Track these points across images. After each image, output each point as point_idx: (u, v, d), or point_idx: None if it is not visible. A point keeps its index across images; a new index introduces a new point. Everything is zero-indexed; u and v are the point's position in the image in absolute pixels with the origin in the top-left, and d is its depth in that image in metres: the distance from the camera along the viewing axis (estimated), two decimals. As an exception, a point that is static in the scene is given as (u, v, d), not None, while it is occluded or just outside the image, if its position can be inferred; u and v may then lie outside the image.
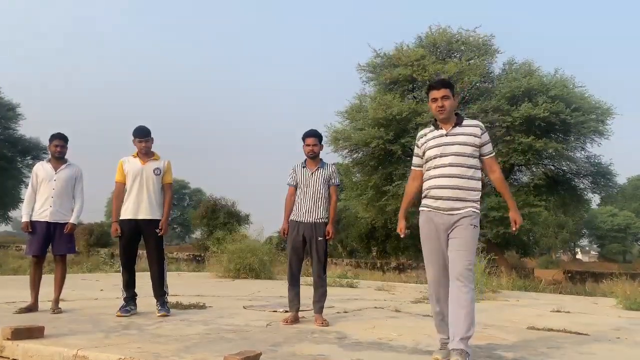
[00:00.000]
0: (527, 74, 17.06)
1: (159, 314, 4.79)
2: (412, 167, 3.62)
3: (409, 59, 17.77)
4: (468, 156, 3.31)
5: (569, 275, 17.48)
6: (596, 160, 18.05)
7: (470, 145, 3.32)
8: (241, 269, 10.96)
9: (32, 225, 5.03)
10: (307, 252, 4.87)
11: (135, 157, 5.05)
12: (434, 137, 3.41)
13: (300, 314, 4.85)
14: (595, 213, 44.11)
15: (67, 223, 5.09)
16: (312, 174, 4.84)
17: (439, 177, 3.33)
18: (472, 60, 17.96)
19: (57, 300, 5.01)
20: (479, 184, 3.35)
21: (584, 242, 52.53)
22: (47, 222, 5.00)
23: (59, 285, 5.09)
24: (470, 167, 3.31)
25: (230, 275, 10.84)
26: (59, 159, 5.17)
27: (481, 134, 3.35)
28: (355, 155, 19.05)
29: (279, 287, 8.00)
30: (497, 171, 3.43)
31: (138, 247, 5.07)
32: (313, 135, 4.88)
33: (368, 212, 19.56)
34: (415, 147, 3.56)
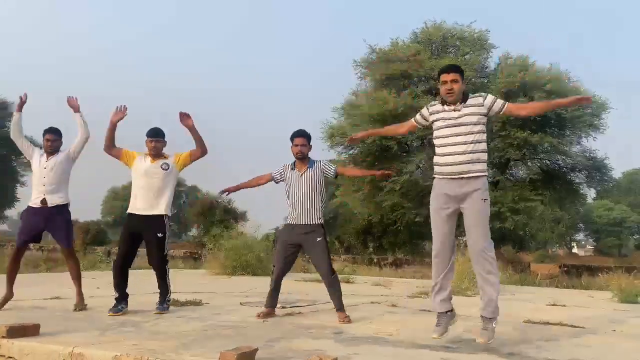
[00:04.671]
0: (522, 69, 17.08)
1: (155, 311, 4.78)
2: (411, 120, 3.92)
3: (405, 54, 17.76)
4: (474, 125, 3.54)
5: (565, 269, 17.48)
6: (592, 155, 18.12)
7: (476, 115, 3.55)
8: (238, 266, 10.94)
9: (26, 210, 5.02)
10: (299, 258, 4.82)
11: (144, 155, 5.03)
12: (442, 112, 3.64)
13: (294, 309, 4.84)
14: (591, 207, 44.25)
15: (61, 207, 5.00)
16: (301, 175, 4.75)
17: (448, 147, 3.56)
18: (468, 56, 17.99)
19: (78, 294, 4.98)
20: (485, 150, 3.59)
21: (580, 236, 52.70)
22: (38, 207, 4.95)
23: (76, 280, 5.05)
24: (477, 134, 3.54)
25: (227, 272, 10.82)
26: (52, 154, 5.10)
27: (484, 100, 3.60)
28: (351, 152, 19.05)
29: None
30: (523, 105, 3.74)
31: (137, 249, 5.00)
32: (301, 136, 4.78)
33: (364, 208, 19.57)
34: (424, 109, 3.80)
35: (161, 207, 4.90)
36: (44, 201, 4.95)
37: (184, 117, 4.95)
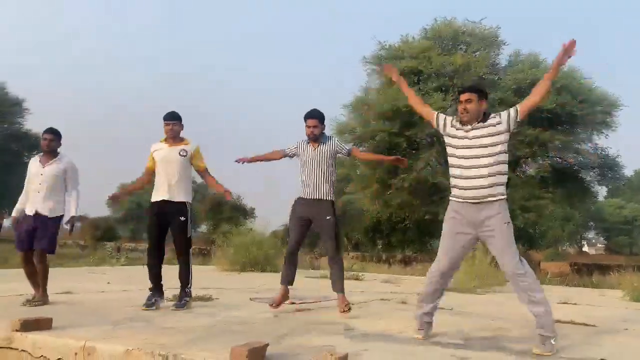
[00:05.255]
0: (533, 66, 16.96)
1: (171, 308, 4.78)
2: (435, 112, 3.82)
3: (414, 51, 17.69)
4: (493, 146, 3.44)
5: (576, 267, 17.39)
6: (603, 152, 17.95)
7: (494, 136, 3.46)
8: (247, 262, 10.98)
9: (18, 219, 5.05)
10: (307, 255, 4.84)
11: (162, 141, 5.06)
12: (461, 130, 3.55)
13: (304, 306, 4.84)
14: (602, 205, 43.94)
15: (53, 217, 5.02)
16: (314, 149, 4.79)
17: (466, 170, 3.47)
18: (478, 52, 17.88)
19: (40, 294, 4.95)
20: (505, 173, 3.49)
21: (591, 234, 52.39)
22: (32, 215, 4.98)
23: (41, 281, 4.98)
24: (497, 155, 3.44)
25: (236, 269, 10.87)
26: (49, 153, 5.14)
27: (501, 118, 3.51)
28: (360, 149, 19.00)
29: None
30: (532, 95, 3.50)
31: (165, 236, 4.99)
32: (313, 117, 4.80)
33: (373, 206, 19.55)
34: (450, 118, 3.70)
35: (180, 195, 4.92)
36: (37, 209, 4.98)
37: (226, 194, 5.08)
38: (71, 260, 12.99)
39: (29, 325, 3.42)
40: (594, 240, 56.64)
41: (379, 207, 19.24)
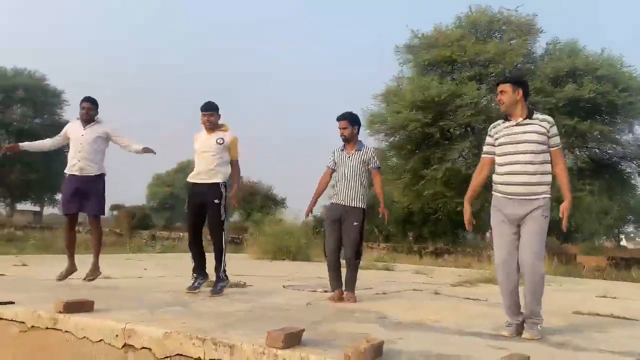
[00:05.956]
0: (571, 54, 16.48)
1: (209, 294, 4.86)
2: (483, 155, 3.76)
3: (448, 39, 17.39)
4: (538, 144, 3.44)
5: (613, 261, 16.90)
6: (645, 143, 17.36)
7: (538, 134, 3.45)
8: (278, 251, 11.09)
9: (65, 178, 5.29)
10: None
11: (204, 130, 5.21)
12: (504, 128, 3.58)
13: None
14: (642, 198, 42.45)
15: (98, 175, 5.23)
16: (349, 157, 4.87)
17: (511, 165, 3.48)
18: (514, 41, 17.45)
19: (94, 265, 5.16)
20: (549, 172, 3.48)
21: (630, 228, 50.78)
22: (76, 176, 5.18)
23: (95, 249, 5.24)
24: (540, 153, 3.44)
25: (268, 257, 10.99)
26: (87, 122, 5.33)
27: (549, 127, 3.49)
28: (391, 139, 18.87)
29: (316, 269, 8.06)
30: (561, 164, 3.55)
31: (203, 220, 5.09)
32: (342, 119, 4.92)
33: (405, 197, 19.39)
34: (488, 136, 3.72)
35: (218, 177, 5.02)
36: (79, 169, 5.18)
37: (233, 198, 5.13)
38: (109, 246, 13.35)
39: (72, 307, 3.53)
40: (632, 235, 54.91)
41: (410, 198, 19.06)
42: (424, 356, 2.73)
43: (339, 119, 4.93)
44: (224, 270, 5.02)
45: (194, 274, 5.06)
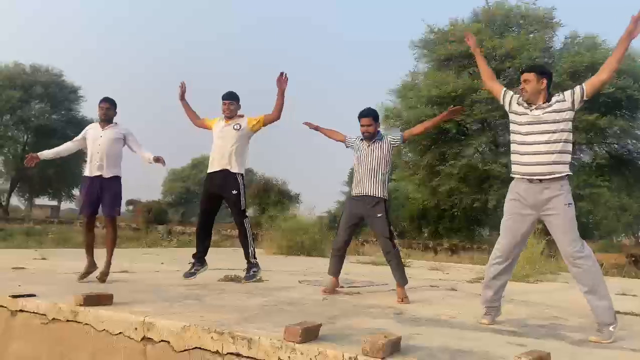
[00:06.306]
0: (590, 48, 16.23)
1: (243, 281, 5.12)
2: (503, 87, 3.81)
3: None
4: (557, 123, 3.41)
5: (633, 259, 16.66)
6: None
7: (559, 112, 3.42)
8: (293, 247, 11.12)
9: (83, 181, 5.37)
10: (360, 231, 4.88)
11: (223, 118, 5.31)
12: (525, 108, 3.55)
13: (352, 289, 4.86)
14: (662, 195, 41.76)
15: (114, 177, 5.24)
16: (369, 147, 4.82)
17: (527, 145, 3.46)
18: (532, 35, 17.24)
19: (106, 264, 5.16)
20: (568, 151, 3.45)
21: (649, 226, 49.92)
22: (93, 177, 5.21)
23: (108, 249, 5.26)
24: (559, 132, 3.40)
25: (283, 252, 11.03)
26: (105, 122, 5.35)
27: (565, 95, 3.47)
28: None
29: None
30: (601, 72, 3.41)
31: (216, 208, 5.25)
32: (367, 115, 4.84)
33: (420, 193, 19.31)
34: (515, 94, 3.69)
35: (234, 166, 5.11)
36: (97, 170, 5.22)
37: (282, 81, 5.16)
38: (126, 242, 13.50)
39: (91, 301, 3.58)
40: (652, 232, 54.03)
41: (425, 194, 18.96)
42: (443, 351, 2.71)
43: (363, 115, 4.83)
44: (254, 256, 5.18)
45: (193, 261, 5.17)
